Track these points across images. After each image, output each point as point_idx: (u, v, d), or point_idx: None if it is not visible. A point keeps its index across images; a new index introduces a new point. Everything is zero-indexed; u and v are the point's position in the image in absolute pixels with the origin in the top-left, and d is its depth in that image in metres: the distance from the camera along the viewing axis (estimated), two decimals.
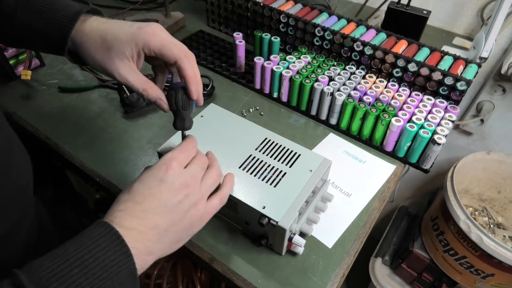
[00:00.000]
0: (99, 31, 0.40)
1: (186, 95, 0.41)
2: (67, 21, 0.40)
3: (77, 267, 0.29)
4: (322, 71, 0.69)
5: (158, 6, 1.02)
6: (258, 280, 0.48)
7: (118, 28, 0.40)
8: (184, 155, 0.39)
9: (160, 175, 0.36)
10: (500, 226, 1.10)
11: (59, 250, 0.30)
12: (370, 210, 0.57)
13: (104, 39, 0.40)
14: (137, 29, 0.40)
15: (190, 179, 0.37)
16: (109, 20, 0.42)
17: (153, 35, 0.39)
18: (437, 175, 1.20)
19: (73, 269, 0.29)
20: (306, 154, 0.52)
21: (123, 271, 0.31)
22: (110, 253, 0.30)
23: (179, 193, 0.36)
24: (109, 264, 0.30)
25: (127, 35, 0.39)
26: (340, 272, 0.50)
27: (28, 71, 0.72)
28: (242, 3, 0.83)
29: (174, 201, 0.36)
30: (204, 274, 0.93)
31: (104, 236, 0.31)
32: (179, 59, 0.39)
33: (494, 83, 0.95)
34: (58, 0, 0.42)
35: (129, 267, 0.31)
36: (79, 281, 0.29)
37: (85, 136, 0.66)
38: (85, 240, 0.31)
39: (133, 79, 0.40)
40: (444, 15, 0.97)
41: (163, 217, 0.35)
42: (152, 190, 0.35)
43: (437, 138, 0.57)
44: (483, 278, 0.91)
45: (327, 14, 0.80)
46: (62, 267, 0.29)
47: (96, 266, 0.30)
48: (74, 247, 0.30)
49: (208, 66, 0.82)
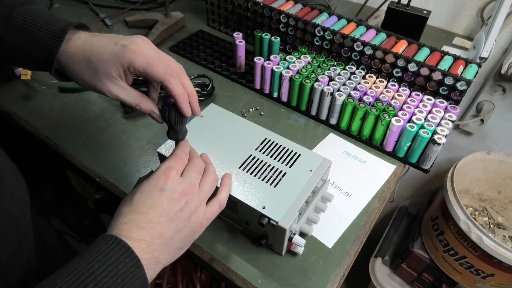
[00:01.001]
0: (83, 52, 0.39)
1: (179, 112, 0.41)
2: (51, 40, 0.39)
3: (91, 282, 0.29)
4: (322, 71, 0.69)
5: (158, 6, 1.02)
6: (258, 280, 0.48)
7: (102, 48, 0.39)
8: (180, 163, 0.39)
9: (160, 185, 0.36)
10: (500, 226, 1.09)
11: (69, 268, 0.30)
12: (370, 210, 0.58)
13: (89, 61, 0.39)
14: (121, 48, 0.38)
15: (188, 186, 0.38)
16: (92, 36, 0.40)
17: (138, 53, 0.38)
18: (437, 175, 1.20)
19: (87, 285, 0.29)
20: (306, 154, 0.52)
21: (135, 282, 0.31)
22: (121, 265, 0.31)
23: (180, 201, 0.37)
24: (121, 277, 0.30)
25: (111, 55, 0.38)
26: (340, 272, 0.50)
27: (28, 71, 0.72)
28: (242, 3, 0.83)
29: (175, 209, 0.36)
30: (204, 274, 0.93)
31: (114, 249, 0.31)
32: (165, 80, 0.38)
33: (494, 83, 0.95)
34: (40, 17, 0.40)
35: (141, 277, 0.32)
36: None
37: (85, 136, 0.66)
38: (94, 255, 0.31)
39: (125, 96, 0.41)
40: (444, 15, 0.97)
41: (167, 226, 0.35)
42: (154, 201, 0.36)
43: (437, 138, 0.57)
44: (483, 278, 0.91)
45: (327, 14, 0.80)
46: (76, 284, 0.29)
47: (109, 280, 0.30)
48: (85, 263, 0.30)
49: (208, 66, 0.82)
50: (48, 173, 1.13)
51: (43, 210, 1.40)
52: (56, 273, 0.30)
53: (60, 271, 0.30)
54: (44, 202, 1.38)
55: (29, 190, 0.44)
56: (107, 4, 1.01)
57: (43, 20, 0.39)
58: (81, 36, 0.40)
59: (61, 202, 1.37)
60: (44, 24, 0.39)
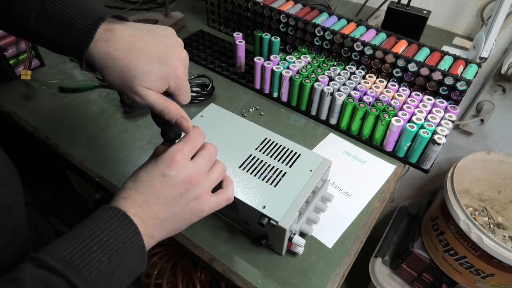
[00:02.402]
0: (123, 56, 0.37)
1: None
2: (82, 33, 0.37)
3: (94, 245, 0.31)
4: (322, 71, 0.69)
5: (158, 6, 1.02)
6: (258, 280, 0.48)
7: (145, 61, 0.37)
8: (191, 146, 0.38)
9: (163, 169, 0.37)
10: (500, 226, 1.09)
11: (73, 232, 0.32)
12: (370, 210, 0.58)
13: (128, 69, 0.37)
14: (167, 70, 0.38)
15: (194, 173, 0.37)
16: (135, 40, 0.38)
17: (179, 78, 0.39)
18: (437, 175, 1.20)
19: (92, 246, 0.31)
20: (306, 154, 0.52)
21: (134, 247, 0.33)
22: (121, 231, 0.33)
23: (181, 187, 0.37)
24: (121, 241, 0.32)
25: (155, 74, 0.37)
26: (340, 272, 0.50)
27: (28, 71, 0.72)
28: (242, 3, 0.83)
29: (174, 194, 0.36)
30: (204, 274, 0.93)
31: (113, 218, 0.33)
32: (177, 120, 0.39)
33: (494, 83, 0.95)
34: (72, 6, 0.38)
35: (139, 243, 0.34)
36: (98, 257, 0.31)
37: (85, 136, 0.66)
38: (96, 222, 0.33)
39: (153, 100, 0.38)
40: (444, 15, 0.97)
41: (162, 208, 0.36)
42: (154, 182, 0.36)
43: (437, 138, 0.57)
44: (483, 278, 0.91)
45: (327, 14, 0.80)
46: (81, 246, 0.31)
47: (111, 243, 0.32)
48: (88, 229, 0.32)
49: (208, 66, 0.82)
50: (48, 173, 1.13)
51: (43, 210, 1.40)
52: (61, 238, 0.31)
53: (64, 236, 0.32)
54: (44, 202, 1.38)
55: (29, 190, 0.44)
56: (107, 4, 1.01)
57: (75, 10, 0.37)
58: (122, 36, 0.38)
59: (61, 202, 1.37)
60: (74, 15, 0.37)
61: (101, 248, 0.31)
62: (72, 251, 0.30)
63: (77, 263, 0.30)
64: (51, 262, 0.29)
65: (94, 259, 0.30)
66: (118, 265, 0.32)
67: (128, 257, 0.33)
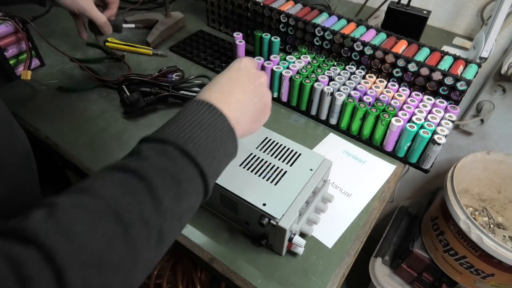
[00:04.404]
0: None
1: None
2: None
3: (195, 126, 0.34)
4: (322, 71, 0.69)
5: (158, 6, 1.02)
6: (258, 280, 0.48)
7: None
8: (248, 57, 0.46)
9: (236, 65, 0.43)
10: (500, 226, 1.10)
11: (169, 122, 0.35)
12: (370, 210, 0.58)
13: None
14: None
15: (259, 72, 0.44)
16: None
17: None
18: (437, 175, 1.20)
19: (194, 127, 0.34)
20: (306, 154, 0.52)
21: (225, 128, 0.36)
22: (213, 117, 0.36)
23: (254, 81, 0.42)
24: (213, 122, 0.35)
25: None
26: (340, 272, 0.50)
27: (28, 71, 0.72)
28: (242, 3, 0.83)
29: (251, 86, 0.42)
30: (204, 274, 0.93)
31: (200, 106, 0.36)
32: None
33: (494, 83, 0.95)
34: None
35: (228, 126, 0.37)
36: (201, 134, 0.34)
37: (85, 136, 0.66)
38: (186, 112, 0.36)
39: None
40: (444, 15, 0.97)
41: (242, 96, 0.40)
42: (232, 76, 0.42)
43: (437, 138, 0.57)
44: (483, 278, 0.91)
45: (327, 14, 0.80)
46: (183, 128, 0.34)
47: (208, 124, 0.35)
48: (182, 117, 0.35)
49: (208, 66, 0.82)
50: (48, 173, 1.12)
51: None
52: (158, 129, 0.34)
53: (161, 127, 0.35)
54: None
55: None
56: None
57: None
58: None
59: None
60: None
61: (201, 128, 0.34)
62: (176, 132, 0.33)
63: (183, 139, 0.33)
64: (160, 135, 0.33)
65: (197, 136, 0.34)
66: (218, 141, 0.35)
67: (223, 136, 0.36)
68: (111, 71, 0.80)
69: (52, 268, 0.22)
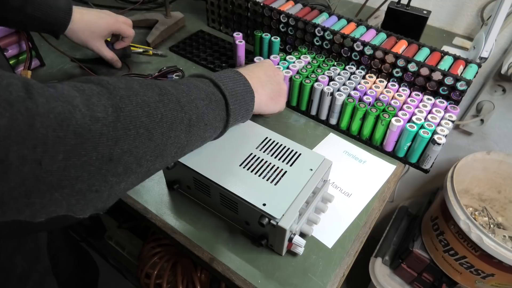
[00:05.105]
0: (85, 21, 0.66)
1: None
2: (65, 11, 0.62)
3: (226, 78, 0.46)
4: (322, 71, 0.69)
5: (158, 6, 1.02)
6: (258, 280, 0.48)
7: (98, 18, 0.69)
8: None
9: (261, 61, 0.60)
10: (500, 226, 1.10)
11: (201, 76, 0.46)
12: (370, 210, 0.58)
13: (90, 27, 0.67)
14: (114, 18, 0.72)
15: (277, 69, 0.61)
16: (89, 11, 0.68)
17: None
18: (437, 175, 1.20)
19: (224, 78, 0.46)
20: (306, 153, 0.52)
21: (249, 93, 0.48)
22: (239, 77, 0.48)
23: (274, 70, 0.58)
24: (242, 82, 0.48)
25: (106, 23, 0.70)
26: (340, 272, 0.50)
27: (28, 71, 0.72)
28: (242, 3, 0.83)
29: (270, 72, 0.56)
30: (204, 274, 0.93)
31: (231, 71, 0.49)
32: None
33: (494, 83, 0.95)
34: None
35: (251, 91, 0.49)
36: (229, 83, 0.46)
37: None
38: (220, 71, 0.48)
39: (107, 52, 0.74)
40: (444, 15, 0.97)
41: (262, 75, 0.54)
42: (257, 64, 0.57)
43: (437, 138, 0.57)
44: (483, 278, 0.91)
45: (327, 14, 0.80)
46: (217, 76, 0.46)
47: (235, 79, 0.47)
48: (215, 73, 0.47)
49: (208, 66, 0.82)
50: None
51: None
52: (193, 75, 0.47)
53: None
54: None
55: None
56: (107, 4, 1.01)
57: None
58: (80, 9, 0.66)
59: None
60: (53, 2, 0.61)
61: (227, 78, 0.46)
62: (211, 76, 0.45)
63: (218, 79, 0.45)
64: (197, 73, 0.46)
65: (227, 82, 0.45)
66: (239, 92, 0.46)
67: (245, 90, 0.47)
68: (111, 71, 0.80)
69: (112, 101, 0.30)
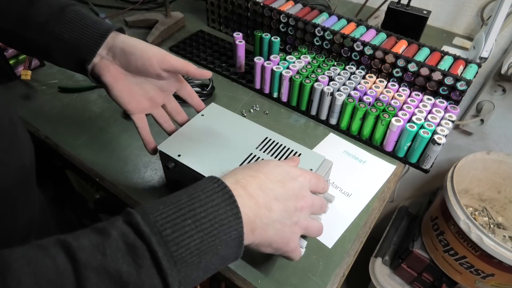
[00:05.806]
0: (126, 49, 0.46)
1: None
2: (96, 36, 0.44)
3: (190, 218, 0.29)
4: (322, 71, 0.69)
5: (158, 6, 1.02)
6: (258, 280, 0.48)
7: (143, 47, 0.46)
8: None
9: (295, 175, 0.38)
10: (500, 226, 1.10)
11: (172, 198, 0.30)
12: (370, 210, 0.57)
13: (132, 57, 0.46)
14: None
15: (310, 200, 0.38)
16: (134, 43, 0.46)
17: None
18: (437, 175, 1.20)
19: (186, 219, 0.29)
20: (306, 153, 0.52)
21: (231, 233, 0.30)
22: (221, 211, 0.30)
23: (299, 201, 0.37)
24: (219, 222, 0.30)
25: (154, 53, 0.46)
26: (340, 272, 0.50)
27: (28, 71, 0.72)
28: (242, 3, 0.83)
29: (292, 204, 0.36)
30: None
31: (218, 193, 0.31)
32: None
33: (494, 83, 0.95)
34: (89, 17, 0.45)
35: (238, 230, 0.31)
36: (190, 232, 0.28)
37: (85, 136, 0.66)
38: (198, 193, 0.31)
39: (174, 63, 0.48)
40: (444, 15, 0.97)
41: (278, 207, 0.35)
42: (285, 177, 0.37)
43: (437, 138, 0.57)
44: (483, 278, 0.91)
45: (327, 14, 0.80)
46: (176, 216, 0.29)
47: (207, 221, 0.29)
48: (187, 198, 0.30)
49: (208, 66, 0.82)
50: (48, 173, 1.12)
51: None
52: (159, 201, 0.30)
53: (162, 200, 0.30)
54: None
55: None
56: (107, 4, 1.01)
57: (91, 20, 0.45)
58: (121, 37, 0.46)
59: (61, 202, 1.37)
60: (91, 23, 0.45)
61: (195, 224, 0.29)
62: (166, 218, 0.28)
63: (167, 233, 0.27)
64: (141, 225, 0.27)
65: (186, 234, 0.28)
66: (209, 249, 0.29)
67: (222, 243, 0.30)
68: None
69: None
